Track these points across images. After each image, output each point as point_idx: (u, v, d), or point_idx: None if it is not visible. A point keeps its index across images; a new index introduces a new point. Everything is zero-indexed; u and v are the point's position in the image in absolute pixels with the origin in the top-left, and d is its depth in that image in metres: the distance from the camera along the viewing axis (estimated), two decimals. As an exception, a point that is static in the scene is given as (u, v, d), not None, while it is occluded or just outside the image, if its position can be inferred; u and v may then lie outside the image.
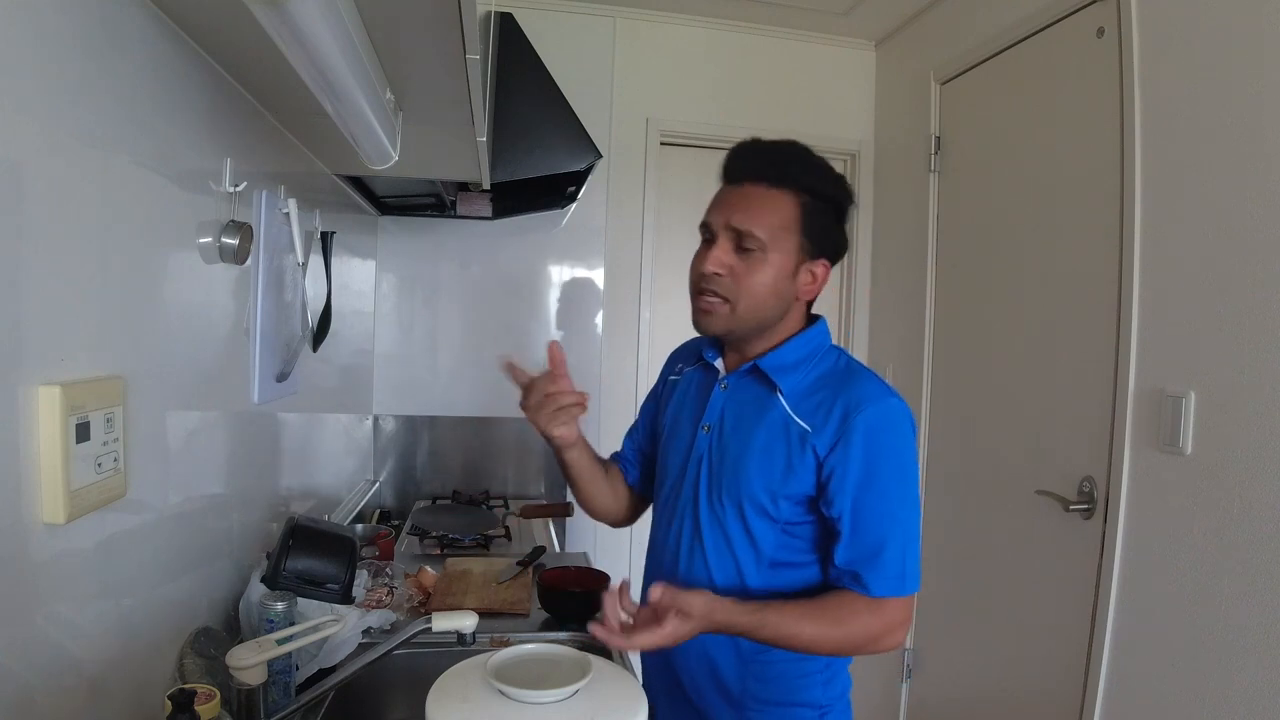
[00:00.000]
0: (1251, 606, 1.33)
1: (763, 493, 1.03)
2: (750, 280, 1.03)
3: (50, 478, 0.68)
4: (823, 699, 1.07)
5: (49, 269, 0.69)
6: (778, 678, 1.06)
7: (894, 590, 0.98)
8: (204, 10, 0.88)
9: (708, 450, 1.10)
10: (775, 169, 1.04)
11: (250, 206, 1.19)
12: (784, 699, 1.06)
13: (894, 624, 0.99)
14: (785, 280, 1.05)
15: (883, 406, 1.00)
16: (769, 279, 1.03)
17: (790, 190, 1.04)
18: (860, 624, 0.98)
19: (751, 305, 1.04)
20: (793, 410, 1.04)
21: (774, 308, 1.06)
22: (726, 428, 1.09)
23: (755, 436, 1.05)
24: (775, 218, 1.03)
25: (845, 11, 2.53)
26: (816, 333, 1.10)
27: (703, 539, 1.09)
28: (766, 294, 1.04)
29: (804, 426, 1.02)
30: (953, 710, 2.26)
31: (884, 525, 0.98)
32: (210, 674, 0.93)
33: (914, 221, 2.51)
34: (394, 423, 2.57)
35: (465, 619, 0.99)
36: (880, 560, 0.98)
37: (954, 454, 2.31)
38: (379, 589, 1.44)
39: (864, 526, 0.98)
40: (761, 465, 1.03)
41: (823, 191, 1.06)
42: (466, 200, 2.24)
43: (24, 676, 0.67)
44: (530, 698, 0.73)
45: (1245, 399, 1.36)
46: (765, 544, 1.05)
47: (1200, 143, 1.47)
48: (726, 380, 1.12)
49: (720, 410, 1.11)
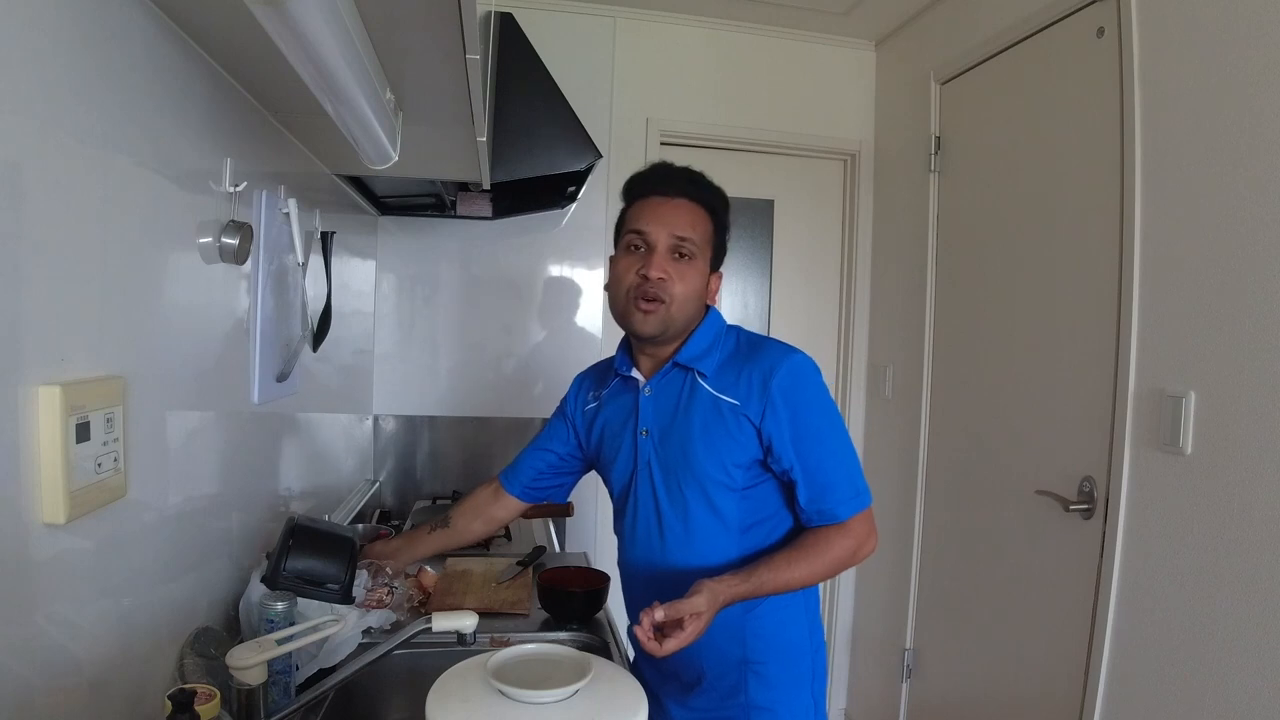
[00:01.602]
0: (1251, 606, 1.33)
1: (716, 469, 1.14)
2: (684, 284, 1.16)
3: (50, 478, 0.68)
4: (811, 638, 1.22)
5: (49, 269, 0.69)
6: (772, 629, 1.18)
7: (856, 507, 1.13)
8: (204, 10, 0.88)
9: (653, 453, 1.20)
10: (697, 189, 1.19)
11: (250, 206, 1.19)
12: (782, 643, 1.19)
13: (864, 535, 1.14)
14: (703, 285, 1.20)
15: (790, 363, 1.14)
16: (697, 283, 1.18)
17: (706, 209, 1.19)
18: (838, 548, 1.12)
19: (682, 306, 1.16)
20: (716, 390, 1.16)
21: (696, 310, 1.20)
22: (664, 424, 1.20)
23: (692, 422, 1.16)
24: (702, 230, 1.18)
25: (845, 11, 2.53)
26: (714, 319, 1.23)
27: (672, 528, 1.19)
28: (694, 296, 1.18)
29: (731, 401, 1.14)
30: (953, 710, 2.26)
31: (828, 461, 1.13)
32: (210, 674, 0.93)
33: (914, 221, 2.51)
34: (394, 423, 2.57)
35: (465, 619, 0.99)
36: (836, 489, 1.13)
37: (954, 454, 2.32)
38: (379, 589, 1.44)
39: (812, 469, 1.13)
40: (707, 445, 1.15)
41: (723, 215, 1.22)
42: (466, 200, 2.24)
43: (24, 676, 0.67)
44: (530, 698, 0.73)
45: (1245, 399, 1.36)
46: (731, 514, 1.16)
47: (1200, 143, 1.47)
48: (649, 385, 1.23)
49: (652, 413, 1.21)
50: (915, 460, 2.45)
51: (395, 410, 2.58)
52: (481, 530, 1.50)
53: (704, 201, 1.19)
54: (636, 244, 1.17)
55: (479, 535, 1.52)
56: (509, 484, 1.46)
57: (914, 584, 2.45)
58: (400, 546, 1.48)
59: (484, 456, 2.62)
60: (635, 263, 1.16)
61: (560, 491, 1.48)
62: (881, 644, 2.59)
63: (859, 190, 2.79)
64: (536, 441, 1.46)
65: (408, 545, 1.48)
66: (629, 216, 1.21)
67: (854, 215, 2.80)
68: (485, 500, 1.48)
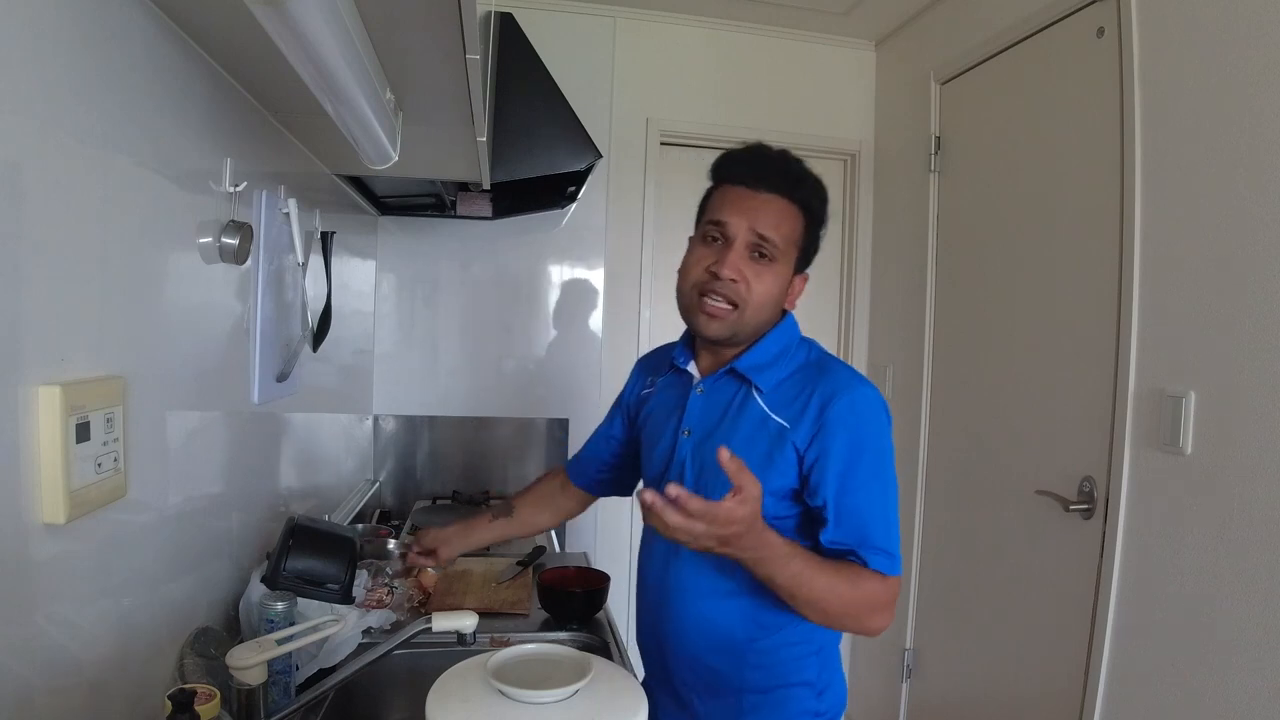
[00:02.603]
0: (1251, 606, 1.33)
1: None
2: (760, 287, 1.05)
3: (50, 478, 0.68)
4: (819, 680, 1.10)
5: (49, 269, 0.69)
6: (774, 664, 1.08)
7: (887, 568, 1.00)
8: (204, 10, 0.88)
9: (690, 454, 1.12)
10: (792, 184, 1.07)
11: (250, 206, 1.19)
12: (782, 682, 1.08)
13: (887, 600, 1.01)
14: (783, 290, 1.09)
15: (855, 395, 1.03)
16: (775, 288, 1.07)
17: (800, 206, 1.07)
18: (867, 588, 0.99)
19: (756, 312, 1.06)
20: (768, 407, 1.06)
21: (772, 315, 1.09)
22: (707, 429, 1.11)
23: (735, 436, 1.06)
24: (789, 230, 1.06)
25: (845, 11, 2.53)
26: (786, 327, 1.12)
27: None
28: (770, 302, 1.07)
29: (781, 422, 1.04)
30: (953, 710, 2.26)
31: (867, 510, 1.01)
32: (210, 674, 0.93)
33: (914, 221, 2.51)
34: (394, 423, 2.57)
35: (465, 619, 0.99)
36: (867, 543, 1.00)
37: (954, 454, 2.31)
38: (379, 589, 1.44)
39: (847, 512, 1.01)
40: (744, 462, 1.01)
41: (820, 212, 1.10)
42: (466, 200, 2.24)
43: (24, 676, 0.67)
44: (530, 698, 0.73)
45: (1245, 399, 1.36)
46: None
47: (1200, 143, 1.47)
48: (702, 384, 1.14)
49: (698, 414, 1.13)
50: (915, 460, 2.45)
51: (395, 410, 2.58)
52: (549, 521, 1.43)
53: (797, 198, 1.07)
54: (714, 235, 1.07)
55: (545, 526, 1.45)
56: (575, 476, 1.41)
57: (914, 584, 2.45)
58: (457, 532, 1.40)
59: (484, 456, 2.62)
60: (709, 256, 1.06)
61: (625, 487, 1.41)
62: (881, 644, 2.59)
63: (859, 190, 2.79)
64: (597, 431, 1.40)
65: (465, 531, 1.40)
66: (711, 202, 1.11)
67: (854, 215, 2.80)
68: (553, 491, 1.42)
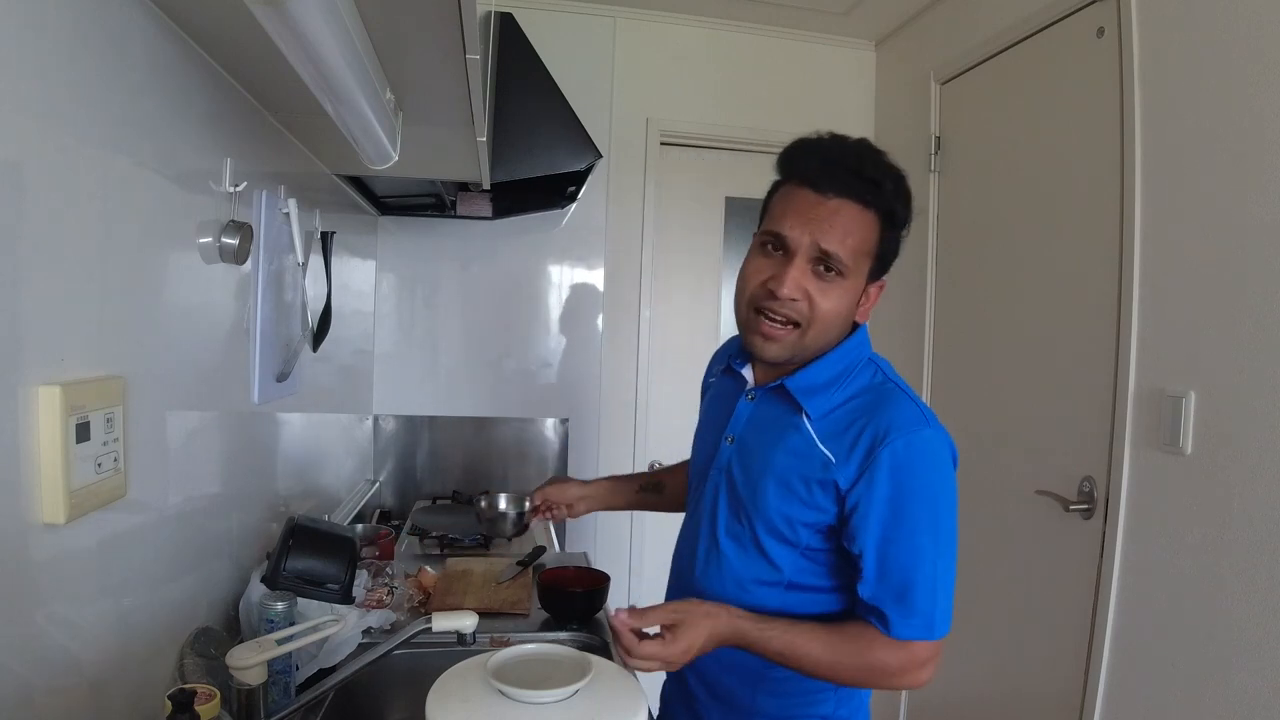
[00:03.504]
0: (1251, 606, 1.33)
1: (779, 519, 0.97)
2: (825, 307, 0.94)
3: (50, 478, 0.68)
4: (833, 716, 1.04)
5: (49, 269, 0.69)
6: (789, 693, 1.02)
7: (920, 634, 0.90)
8: (204, 10, 0.88)
9: (729, 463, 1.05)
10: (870, 188, 0.95)
11: (250, 206, 1.19)
12: (793, 714, 1.03)
13: (918, 662, 0.92)
14: (853, 305, 0.98)
15: (914, 438, 0.91)
16: (843, 306, 0.96)
17: (876, 212, 0.96)
18: (879, 658, 0.91)
19: (820, 332, 0.96)
20: (817, 435, 0.96)
21: (838, 334, 0.99)
22: (749, 443, 1.03)
23: (775, 459, 0.98)
24: (861, 242, 0.94)
25: (845, 11, 2.53)
26: (853, 345, 1.00)
27: (720, 549, 1.04)
28: (838, 320, 0.97)
29: (827, 455, 0.94)
30: (953, 710, 2.25)
31: (911, 567, 0.90)
32: (210, 674, 0.93)
33: (914, 221, 2.50)
34: (394, 423, 2.57)
35: (465, 619, 0.99)
36: (906, 603, 0.90)
37: (954, 454, 2.31)
38: (379, 589, 1.44)
39: (890, 568, 0.91)
40: (780, 491, 0.97)
41: (902, 215, 0.99)
42: (466, 200, 2.24)
43: (24, 676, 0.67)
44: (530, 698, 0.73)
45: (1245, 399, 1.36)
46: (784, 565, 0.99)
47: (1200, 142, 1.47)
48: (754, 392, 1.06)
49: (745, 423, 1.05)
50: (915, 460, 2.45)
51: (395, 410, 2.58)
52: None
53: (875, 203, 0.95)
54: (774, 243, 0.95)
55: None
56: None
57: (914, 584, 2.45)
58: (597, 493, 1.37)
59: (484, 456, 2.62)
60: (766, 268, 0.95)
61: None
62: (881, 644, 2.58)
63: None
64: None
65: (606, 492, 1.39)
66: (773, 204, 0.98)
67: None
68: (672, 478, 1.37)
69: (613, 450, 2.68)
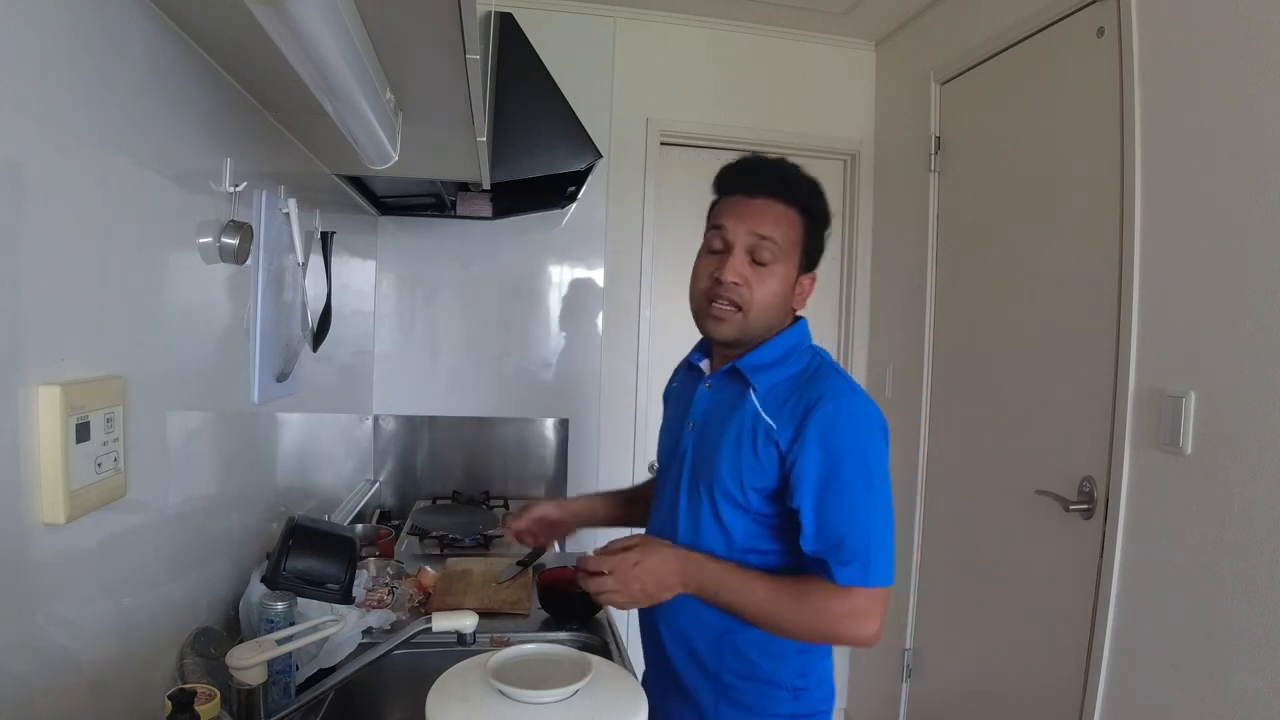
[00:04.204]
0: (1251, 606, 1.33)
1: (732, 483, 1.09)
2: (763, 289, 1.09)
3: (50, 478, 0.68)
4: (796, 682, 1.12)
5: (49, 269, 0.69)
6: (750, 659, 1.11)
7: (858, 580, 1.01)
8: (204, 10, 0.88)
9: (691, 446, 1.18)
10: (789, 187, 1.11)
11: (250, 206, 1.19)
12: (757, 676, 1.11)
13: (858, 611, 1.02)
14: (788, 292, 1.12)
15: (841, 403, 1.04)
16: (779, 289, 1.11)
17: (798, 208, 1.11)
18: (821, 602, 1.01)
19: (761, 313, 1.10)
20: (762, 407, 1.09)
21: (778, 316, 1.13)
22: (707, 424, 1.16)
23: (728, 431, 1.11)
24: (788, 231, 1.10)
25: (845, 11, 2.53)
26: (794, 332, 1.16)
27: (683, 526, 1.15)
28: (775, 303, 1.11)
29: (769, 423, 1.07)
30: (953, 710, 2.25)
31: (846, 519, 1.02)
32: (210, 674, 0.93)
33: (914, 221, 2.51)
34: (394, 423, 2.57)
35: (465, 619, 0.99)
36: (842, 551, 1.01)
37: (954, 454, 2.31)
38: (379, 589, 1.44)
39: (826, 520, 1.02)
40: (731, 458, 1.09)
41: (820, 212, 1.14)
42: (466, 200, 2.24)
43: (24, 676, 0.67)
44: (530, 698, 0.73)
45: (1245, 399, 1.36)
46: (736, 531, 1.11)
47: (1200, 142, 1.47)
48: (710, 380, 1.19)
49: (703, 409, 1.18)
50: (915, 460, 2.45)
51: (395, 410, 2.58)
52: None
53: (793, 199, 1.11)
54: (715, 244, 1.12)
55: None
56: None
57: (914, 584, 2.45)
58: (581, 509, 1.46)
59: (484, 456, 2.62)
60: (712, 264, 1.11)
61: None
62: (881, 644, 2.58)
63: (859, 190, 2.79)
64: None
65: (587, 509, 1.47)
66: (713, 213, 1.16)
67: (854, 215, 2.80)
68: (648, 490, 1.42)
69: (613, 450, 2.68)
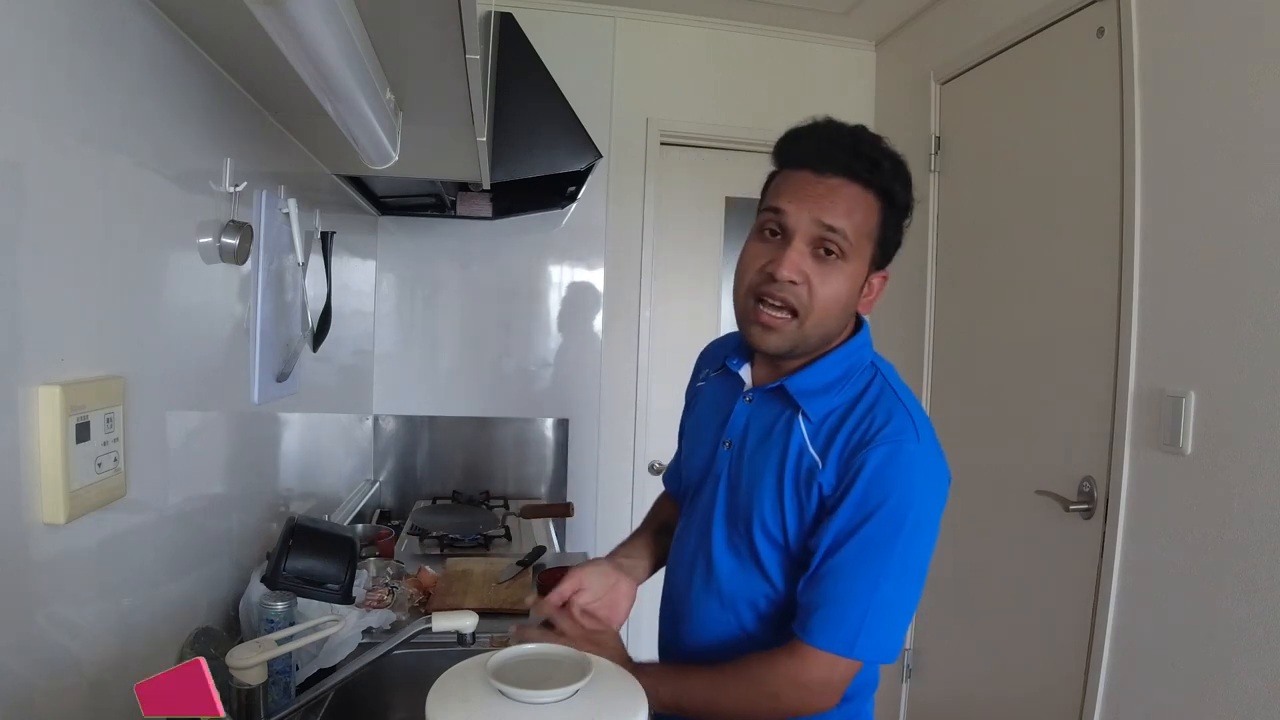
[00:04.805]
0: (1251, 606, 1.33)
1: (775, 524, 0.94)
2: (826, 292, 0.90)
3: (50, 478, 0.68)
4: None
5: (49, 269, 0.69)
6: None
7: (839, 648, 0.85)
8: (204, 10, 0.88)
9: (727, 469, 1.01)
10: (869, 166, 0.90)
11: (250, 206, 1.19)
12: None
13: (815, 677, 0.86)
14: (855, 294, 0.93)
15: (898, 450, 0.87)
16: (845, 292, 0.91)
17: (876, 192, 0.92)
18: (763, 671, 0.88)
19: (821, 320, 0.91)
20: (810, 438, 0.92)
21: (839, 324, 0.95)
22: (747, 447, 0.99)
23: (771, 462, 0.94)
24: (862, 222, 0.91)
25: (845, 11, 2.53)
26: (856, 346, 0.97)
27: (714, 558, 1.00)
28: (839, 309, 0.92)
29: (815, 458, 0.91)
30: (953, 710, 2.25)
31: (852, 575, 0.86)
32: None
33: (914, 221, 2.50)
34: (394, 423, 2.57)
35: (465, 619, 0.99)
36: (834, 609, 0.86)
37: (954, 454, 2.28)
38: (379, 589, 1.44)
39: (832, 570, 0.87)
40: (773, 495, 0.93)
41: (902, 198, 0.95)
42: (466, 200, 2.24)
43: (24, 676, 0.67)
44: (530, 698, 0.73)
45: (1245, 399, 1.36)
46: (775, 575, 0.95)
47: (1200, 142, 1.47)
48: (752, 394, 1.01)
49: (743, 427, 1.01)
50: (915, 460, 2.45)
51: (395, 410, 2.58)
52: None
53: (874, 183, 0.91)
54: (772, 227, 0.91)
55: None
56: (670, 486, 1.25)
57: (914, 584, 2.45)
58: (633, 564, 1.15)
59: (484, 456, 2.62)
60: (766, 253, 0.91)
61: None
62: (881, 644, 2.59)
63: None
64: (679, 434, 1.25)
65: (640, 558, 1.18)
66: (771, 187, 0.95)
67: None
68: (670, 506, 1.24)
69: (612, 450, 2.68)
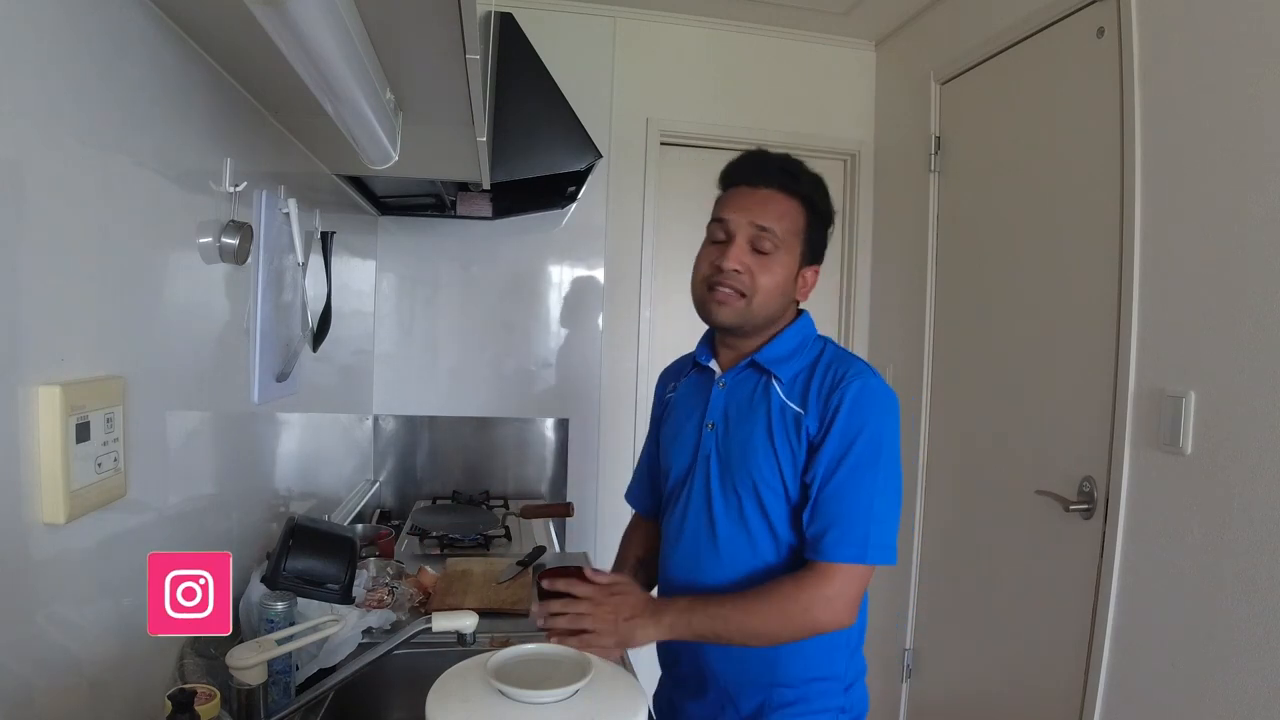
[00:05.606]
0: (1251, 606, 1.33)
1: (772, 475, 1.09)
2: (765, 279, 1.11)
3: (50, 478, 0.68)
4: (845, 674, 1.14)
5: (49, 269, 0.69)
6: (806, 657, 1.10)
7: (854, 557, 1.03)
8: (204, 10, 0.88)
9: (715, 446, 1.16)
10: (790, 179, 1.13)
11: (250, 206, 1.19)
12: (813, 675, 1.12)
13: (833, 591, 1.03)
14: (790, 281, 1.14)
15: (866, 383, 1.08)
16: (781, 279, 1.12)
17: (800, 200, 1.13)
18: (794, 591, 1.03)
19: (764, 301, 1.11)
20: (786, 396, 1.12)
21: (780, 305, 1.14)
22: (730, 422, 1.15)
23: (758, 424, 1.12)
24: (790, 223, 1.12)
25: (845, 11, 2.53)
26: (803, 324, 1.19)
27: (717, 530, 1.14)
28: (777, 292, 1.12)
29: (797, 409, 1.10)
30: (953, 710, 2.25)
31: (850, 495, 1.04)
32: (210, 674, 0.93)
33: (914, 221, 2.51)
34: (394, 423, 2.57)
35: (465, 619, 0.99)
36: (840, 526, 1.03)
37: (954, 454, 2.31)
38: (379, 589, 1.44)
39: (829, 495, 1.05)
40: (766, 449, 1.10)
41: (822, 206, 1.16)
42: (466, 200, 2.24)
43: (24, 676, 0.67)
44: (530, 698, 0.73)
45: (1245, 399, 1.36)
46: (781, 525, 1.10)
47: (1200, 143, 1.47)
48: (724, 379, 1.18)
49: (723, 408, 1.17)
50: (915, 460, 2.45)
51: (395, 410, 2.58)
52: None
53: (795, 191, 1.13)
54: (718, 234, 1.14)
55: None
56: (637, 506, 1.40)
57: (914, 584, 2.45)
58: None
59: (484, 456, 2.62)
60: (714, 253, 1.13)
61: None
62: (881, 644, 2.59)
63: (859, 190, 2.79)
64: (640, 456, 1.41)
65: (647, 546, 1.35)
66: (717, 204, 1.17)
67: (854, 215, 2.80)
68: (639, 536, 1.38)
69: (612, 450, 2.68)
